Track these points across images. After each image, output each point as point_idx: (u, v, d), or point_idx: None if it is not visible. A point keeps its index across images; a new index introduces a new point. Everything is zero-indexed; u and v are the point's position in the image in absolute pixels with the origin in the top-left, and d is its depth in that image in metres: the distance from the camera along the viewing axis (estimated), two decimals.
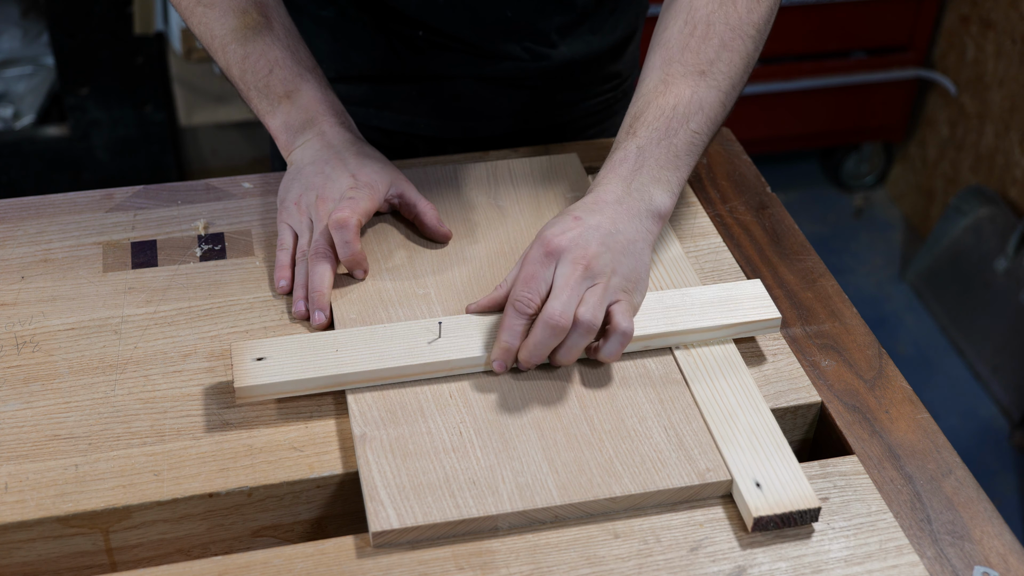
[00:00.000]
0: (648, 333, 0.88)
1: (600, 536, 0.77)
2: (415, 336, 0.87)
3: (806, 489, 0.78)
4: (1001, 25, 2.36)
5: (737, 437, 0.82)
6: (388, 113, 1.16)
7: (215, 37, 0.99)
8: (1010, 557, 0.77)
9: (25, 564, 0.79)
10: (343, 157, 0.97)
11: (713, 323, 0.89)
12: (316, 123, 0.99)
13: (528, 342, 0.84)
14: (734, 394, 0.85)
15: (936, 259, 2.50)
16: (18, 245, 0.99)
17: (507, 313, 0.85)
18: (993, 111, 2.41)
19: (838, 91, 2.58)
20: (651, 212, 0.90)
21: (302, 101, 0.99)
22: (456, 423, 0.82)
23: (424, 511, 0.76)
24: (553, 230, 0.87)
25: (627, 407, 0.84)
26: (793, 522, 0.77)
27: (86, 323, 0.91)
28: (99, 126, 2.41)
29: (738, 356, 0.89)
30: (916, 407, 0.88)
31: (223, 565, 0.74)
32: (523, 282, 0.85)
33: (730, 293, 0.91)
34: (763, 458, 0.80)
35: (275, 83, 0.98)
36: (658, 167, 0.91)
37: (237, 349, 0.85)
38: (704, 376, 0.87)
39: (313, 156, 0.98)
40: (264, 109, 0.99)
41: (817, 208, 2.77)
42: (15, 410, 0.84)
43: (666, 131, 0.91)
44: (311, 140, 0.98)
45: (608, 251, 0.86)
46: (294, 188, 0.98)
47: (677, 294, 0.91)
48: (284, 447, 0.82)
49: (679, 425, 0.82)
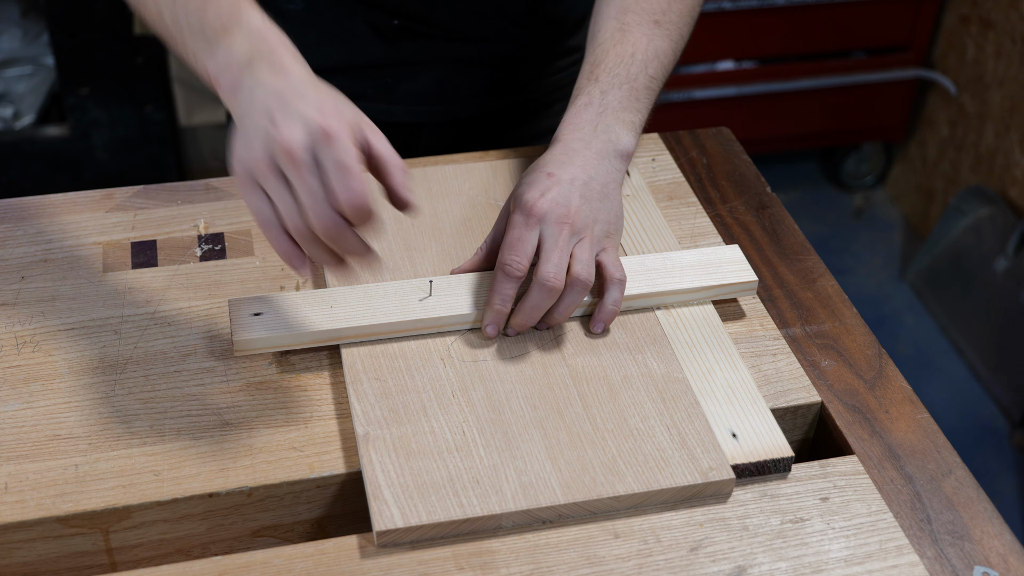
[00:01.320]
0: (631, 294, 0.92)
1: (600, 536, 0.77)
2: (407, 294, 0.91)
3: (780, 440, 0.82)
4: (1001, 25, 2.36)
5: (715, 391, 0.86)
6: (363, 103, 1.15)
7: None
8: (1010, 557, 0.77)
9: (25, 564, 0.79)
10: (301, 91, 0.78)
11: (693, 285, 0.93)
12: (264, 55, 0.79)
13: (524, 305, 0.87)
14: (712, 352, 0.90)
15: (936, 259, 2.50)
16: (18, 245, 0.99)
17: (496, 278, 0.87)
18: (993, 111, 2.41)
19: (838, 91, 2.58)
20: (617, 152, 0.94)
21: (244, 31, 0.80)
22: (459, 422, 0.82)
23: (428, 510, 0.76)
24: (532, 193, 0.89)
25: (629, 406, 0.84)
26: (767, 470, 0.81)
27: (86, 323, 0.91)
28: (99, 126, 2.41)
29: (716, 317, 0.93)
30: (916, 407, 0.88)
31: (223, 565, 0.74)
32: (510, 247, 0.87)
33: (709, 257, 0.96)
34: (739, 411, 0.85)
35: (211, 18, 0.81)
36: (621, 109, 0.95)
37: (234, 304, 0.89)
38: (684, 334, 0.91)
39: (265, 94, 0.78)
40: (201, 50, 0.81)
41: (817, 208, 2.77)
42: (15, 410, 0.84)
43: (626, 76, 0.95)
44: (262, 75, 0.78)
45: (587, 203, 0.90)
46: (253, 139, 0.76)
47: (659, 258, 0.96)
48: (284, 447, 0.82)
49: (681, 424, 0.82)
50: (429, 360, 0.87)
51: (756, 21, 2.43)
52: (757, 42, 2.49)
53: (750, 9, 2.40)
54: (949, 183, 2.58)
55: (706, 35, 2.43)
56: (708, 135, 1.19)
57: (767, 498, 0.80)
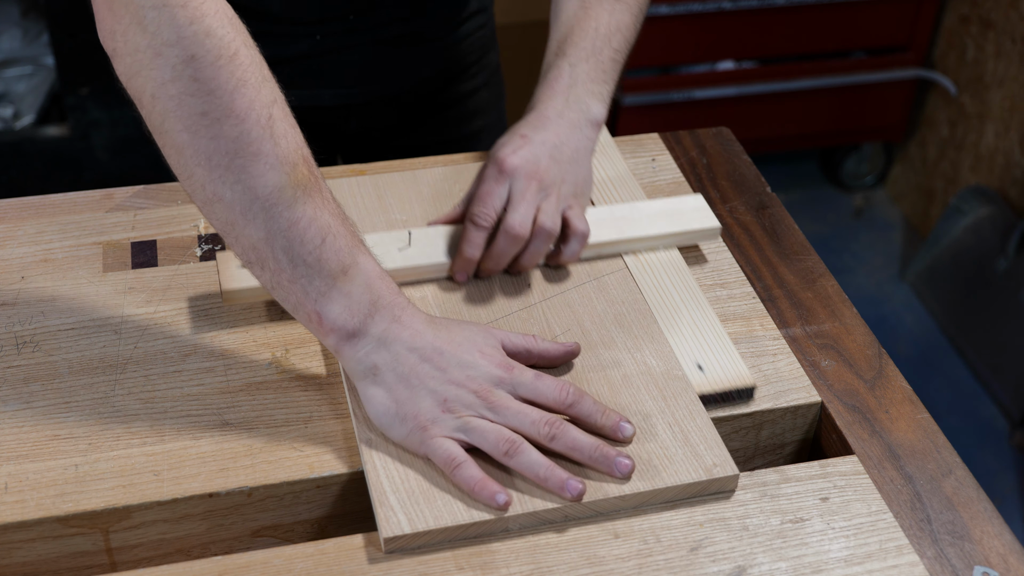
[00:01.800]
0: (601, 241, 0.98)
1: (600, 536, 0.77)
2: (388, 244, 0.95)
3: (743, 371, 0.88)
4: (1001, 25, 2.36)
5: (681, 328, 0.91)
6: (291, 91, 1.18)
7: (255, 199, 0.77)
8: (1010, 557, 0.77)
9: (25, 564, 0.79)
10: (452, 334, 0.81)
11: (659, 231, 0.99)
12: (387, 305, 0.80)
13: (491, 251, 0.93)
14: (678, 292, 0.95)
15: (936, 259, 2.50)
16: (18, 245, 0.99)
17: (466, 227, 0.94)
18: (993, 111, 2.41)
19: (838, 91, 2.58)
20: (589, 121, 0.99)
21: (363, 278, 0.80)
22: None
23: (435, 515, 0.75)
24: (505, 150, 0.95)
25: (631, 405, 0.84)
26: (731, 399, 0.87)
27: (86, 323, 0.91)
28: (99, 126, 2.41)
29: (682, 261, 0.99)
30: (916, 407, 0.88)
31: (223, 565, 0.74)
32: (479, 199, 0.94)
33: (674, 206, 1.02)
34: (704, 346, 0.90)
35: (329, 255, 0.78)
36: (590, 81, 1.00)
37: (223, 257, 0.93)
38: (651, 277, 0.97)
39: (411, 344, 0.79)
40: (315, 291, 0.79)
41: (817, 208, 2.77)
42: (15, 410, 0.84)
43: (592, 50, 1.00)
44: (394, 329, 0.80)
45: (556, 164, 0.95)
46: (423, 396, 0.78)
47: (626, 207, 1.01)
48: (284, 447, 0.82)
49: (683, 421, 0.82)
50: None
51: (756, 21, 2.43)
52: (757, 42, 2.49)
53: (750, 9, 2.40)
54: (949, 183, 2.58)
55: (706, 35, 2.43)
56: (708, 135, 1.19)
57: (767, 498, 0.80)
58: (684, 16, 2.38)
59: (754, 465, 0.91)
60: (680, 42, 2.43)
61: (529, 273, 0.96)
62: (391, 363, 0.79)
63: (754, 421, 0.87)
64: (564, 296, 0.93)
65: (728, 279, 0.99)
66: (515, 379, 0.80)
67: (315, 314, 0.79)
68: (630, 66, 2.52)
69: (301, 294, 0.79)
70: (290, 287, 0.79)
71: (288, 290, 0.79)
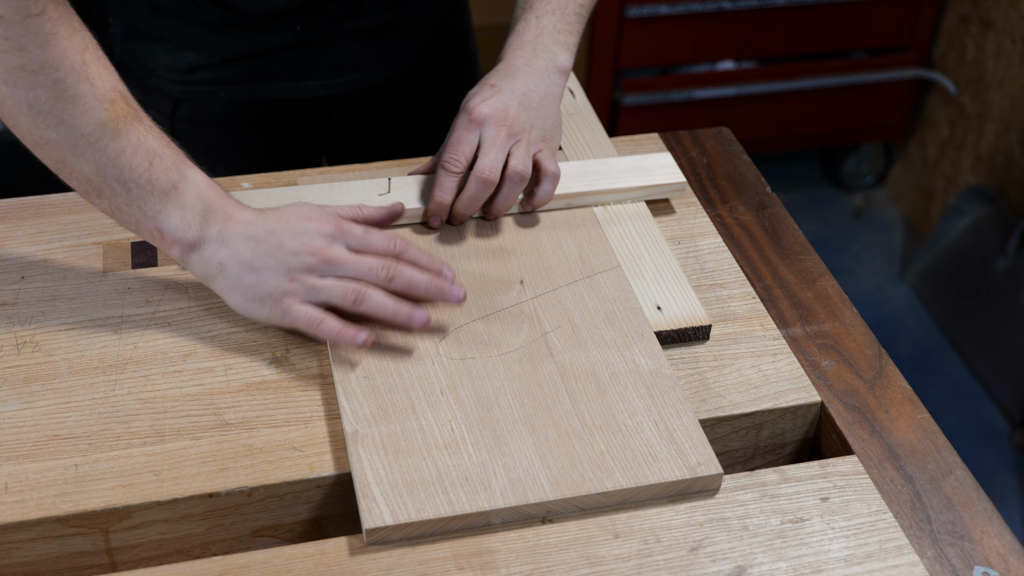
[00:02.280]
0: (572, 192, 1.02)
1: (600, 536, 0.77)
2: (368, 191, 1.01)
3: (699, 311, 0.93)
4: (1001, 25, 2.36)
5: (643, 272, 0.97)
6: (272, 84, 1.21)
7: (80, 136, 0.84)
8: (1010, 557, 0.77)
9: (25, 564, 0.79)
10: (279, 213, 0.89)
11: (627, 185, 1.04)
12: (218, 208, 0.87)
13: (463, 196, 0.98)
14: (642, 240, 1.00)
15: (936, 259, 2.50)
16: (18, 245, 0.99)
17: (438, 173, 0.98)
18: (993, 111, 2.41)
19: (838, 91, 2.58)
20: (556, 68, 1.04)
21: (193, 190, 0.87)
22: (448, 420, 0.82)
23: (417, 507, 0.76)
24: (475, 100, 0.99)
25: (618, 402, 0.84)
26: (687, 337, 0.92)
27: (86, 323, 0.91)
28: None
29: (648, 212, 1.04)
30: (916, 407, 0.88)
31: (223, 565, 0.74)
32: (450, 146, 0.98)
33: (644, 163, 1.07)
34: (664, 289, 0.95)
35: (159, 175, 0.85)
36: (556, 31, 1.05)
37: None
38: (617, 225, 1.02)
39: (245, 233, 0.86)
40: (152, 210, 0.86)
41: (817, 208, 2.77)
42: (15, 410, 0.84)
43: (558, 4, 1.06)
44: (228, 226, 0.87)
45: (525, 110, 1.00)
46: (267, 275, 0.86)
47: (598, 163, 1.07)
48: (284, 447, 0.82)
49: (670, 420, 0.83)
50: (417, 358, 0.87)
51: (756, 21, 2.43)
52: (757, 42, 2.49)
53: (750, 9, 2.40)
54: (949, 183, 2.58)
55: (706, 35, 2.43)
56: (708, 135, 1.19)
57: (767, 498, 0.80)
58: (684, 16, 2.38)
59: (754, 465, 0.91)
60: (680, 42, 2.43)
61: (520, 267, 0.96)
62: (233, 256, 0.86)
63: (754, 421, 0.87)
64: (556, 293, 0.94)
65: (728, 279, 0.99)
66: (346, 233, 0.88)
67: (156, 231, 0.87)
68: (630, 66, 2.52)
69: (139, 215, 0.86)
70: (128, 210, 0.86)
71: (127, 213, 0.87)
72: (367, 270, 0.87)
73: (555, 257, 0.97)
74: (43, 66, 0.82)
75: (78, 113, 0.83)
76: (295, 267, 0.86)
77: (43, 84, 0.82)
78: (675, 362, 0.90)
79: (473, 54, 1.36)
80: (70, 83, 0.83)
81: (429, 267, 0.90)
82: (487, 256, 0.98)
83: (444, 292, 0.89)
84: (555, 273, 0.96)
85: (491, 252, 0.98)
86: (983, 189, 2.42)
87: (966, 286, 2.40)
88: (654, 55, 2.44)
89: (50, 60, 0.82)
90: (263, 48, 1.17)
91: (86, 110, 0.83)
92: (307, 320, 0.86)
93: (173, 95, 1.21)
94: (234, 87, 1.19)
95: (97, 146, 0.84)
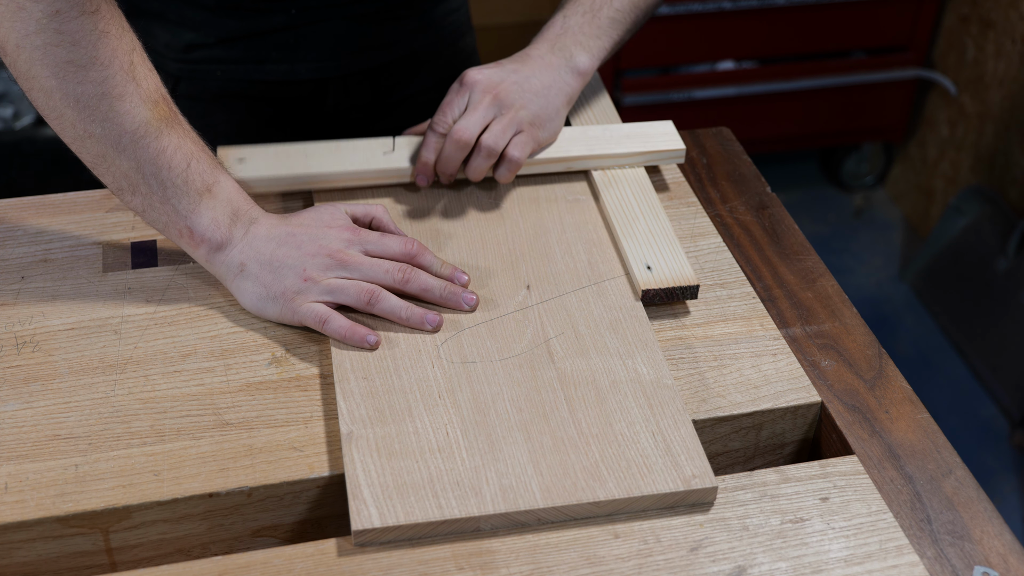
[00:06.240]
0: (571, 155, 1.05)
1: (600, 536, 0.77)
2: (373, 150, 1.04)
3: (688, 271, 0.95)
4: (1001, 25, 2.36)
5: (636, 234, 0.98)
6: (268, 65, 1.21)
7: (124, 133, 0.86)
8: (1010, 557, 0.77)
9: (25, 564, 0.79)
10: (301, 218, 0.93)
11: (626, 150, 1.06)
12: (245, 212, 0.91)
13: (440, 156, 1.01)
14: (638, 203, 1.02)
15: (936, 259, 2.50)
16: (18, 245, 0.99)
17: (426, 134, 1.01)
18: (993, 111, 2.41)
19: (838, 91, 2.58)
20: (571, 67, 1.04)
21: (225, 194, 0.91)
22: (443, 423, 0.82)
23: (406, 511, 0.76)
24: (472, 69, 1.02)
25: (616, 411, 0.84)
26: (676, 296, 0.94)
27: (86, 323, 0.91)
28: None
29: (645, 176, 1.06)
30: (916, 407, 0.88)
31: (223, 565, 0.74)
32: (440, 109, 1.01)
33: (644, 129, 1.09)
34: (656, 250, 0.97)
35: (194, 177, 0.89)
36: (581, 34, 1.05)
37: (222, 152, 1.01)
38: (614, 189, 1.04)
39: (268, 235, 0.91)
40: (185, 209, 0.89)
41: (817, 208, 2.77)
42: (15, 410, 0.84)
43: (591, 8, 1.06)
44: (253, 228, 0.91)
45: (519, 88, 1.01)
46: (285, 273, 0.89)
47: (599, 128, 1.09)
48: (284, 447, 0.82)
49: (667, 431, 0.82)
50: (418, 361, 0.87)
51: (756, 21, 2.44)
52: (757, 42, 2.49)
53: (750, 9, 2.40)
54: (949, 183, 2.58)
55: (706, 35, 2.43)
56: (708, 135, 1.19)
57: (767, 498, 0.80)
58: (684, 16, 2.38)
59: (754, 465, 0.91)
60: (680, 42, 2.43)
61: (528, 272, 0.96)
62: (254, 256, 0.90)
63: (754, 421, 0.87)
64: (562, 299, 0.93)
65: (728, 279, 0.99)
66: (363, 238, 0.92)
67: (186, 229, 0.90)
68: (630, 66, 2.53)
69: (172, 213, 0.89)
70: (162, 208, 0.89)
71: (160, 211, 0.89)
72: (383, 273, 0.90)
73: (564, 263, 0.97)
74: (93, 62, 0.84)
75: (123, 111, 0.86)
76: (311, 268, 0.89)
77: (92, 80, 0.84)
78: (675, 362, 0.90)
79: (472, 48, 1.36)
80: (118, 81, 0.85)
81: (443, 273, 0.93)
82: (495, 260, 0.98)
83: (457, 297, 0.91)
84: (563, 279, 0.96)
85: (500, 256, 0.98)
86: (983, 189, 2.42)
87: (966, 286, 2.40)
88: (654, 55, 2.44)
89: (101, 57, 0.84)
90: (258, 29, 1.17)
91: (131, 108, 0.86)
92: (315, 317, 0.88)
93: (173, 73, 1.21)
94: (230, 67, 1.19)
95: (140, 144, 0.87)
